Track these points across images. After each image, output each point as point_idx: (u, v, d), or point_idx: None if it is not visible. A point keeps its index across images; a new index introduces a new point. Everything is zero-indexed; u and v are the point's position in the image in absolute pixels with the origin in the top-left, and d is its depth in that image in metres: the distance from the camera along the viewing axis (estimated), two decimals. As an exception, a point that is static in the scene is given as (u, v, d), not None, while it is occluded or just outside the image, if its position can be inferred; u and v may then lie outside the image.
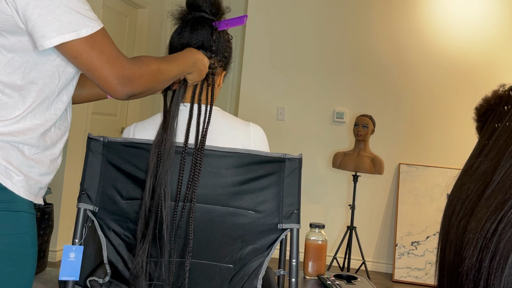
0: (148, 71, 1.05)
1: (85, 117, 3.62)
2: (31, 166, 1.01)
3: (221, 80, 1.39)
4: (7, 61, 0.96)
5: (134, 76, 1.01)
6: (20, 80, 0.98)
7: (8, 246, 0.96)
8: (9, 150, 0.97)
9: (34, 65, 0.99)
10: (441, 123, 3.94)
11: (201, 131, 1.23)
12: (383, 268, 3.97)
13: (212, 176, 1.20)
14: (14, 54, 0.96)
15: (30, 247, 1.02)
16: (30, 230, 1.01)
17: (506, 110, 0.71)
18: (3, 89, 0.97)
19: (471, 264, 0.59)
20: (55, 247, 3.40)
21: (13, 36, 0.95)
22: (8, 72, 0.97)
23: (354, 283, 1.67)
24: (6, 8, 0.91)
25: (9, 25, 0.93)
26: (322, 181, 4.06)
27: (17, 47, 0.96)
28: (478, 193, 0.64)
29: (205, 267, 1.23)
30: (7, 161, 0.96)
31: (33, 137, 1.01)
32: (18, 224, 0.98)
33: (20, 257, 0.99)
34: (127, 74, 0.99)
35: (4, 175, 0.96)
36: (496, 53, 3.86)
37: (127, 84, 1.00)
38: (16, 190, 0.98)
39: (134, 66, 1.01)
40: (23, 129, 0.99)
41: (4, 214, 0.96)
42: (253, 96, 4.16)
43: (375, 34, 4.01)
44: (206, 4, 1.32)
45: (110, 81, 0.97)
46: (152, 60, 1.08)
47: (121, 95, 1.01)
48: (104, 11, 3.81)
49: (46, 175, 1.06)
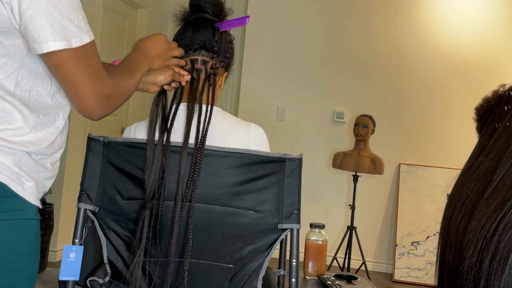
0: (123, 87, 1.01)
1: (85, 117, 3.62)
2: (39, 171, 0.99)
3: (222, 81, 1.39)
4: (0, 65, 0.93)
5: (112, 94, 0.97)
6: (13, 87, 0.94)
7: (19, 256, 0.94)
8: (20, 155, 0.95)
9: (28, 70, 0.95)
10: (441, 123, 3.94)
11: (201, 131, 1.23)
12: (383, 268, 3.97)
13: (212, 176, 1.20)
14: (8, 59, 0.93)
15: (36, 255, 1.00)
16: (36, 238, 1.00)
17: (506, 110, 0.71)
18: (4, 95, 0.93)
19: (471, 264, 0.59)
20: (55, 247, 3.40)
21: (8, 39, 0.91)
22: (1, 77, 0.93)
23: (354, 283, 1.67)
24: (2, 9, 0.88)
25: (4, 27, 0.90)
26: (322, 181, 4.06)
27: (11, 50, 0.93)
28: (478, 193, 0.64)
29: (205, 267, 1.23)
30: (18, 167, 0.94)
31: (44, 147, 0.99)
32: (28, 232, 0.97)
33: (27, 266, 0.97)
34: (106, 93, 0.95)
35: (16, 182, 0.93)
36: (497, 53, 3.86)
37: (105, 104, 0.96)
38: (28, 197, 0.95)
39: (113, 83, 0.97)
40: (35, 140, 0.97)
41: (16, 223, 0.94)
42: (253, 96, 4.16)
43: (376, 34, 4.01)
44: (208, 5, 1.33)
45: (88, 99, 0.93)
46: (122, 74, 1.04)
47: (96, 115, 0.96)
48: (104, 11, 3.81)
49: (50, 178, 1.05)
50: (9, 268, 0.93)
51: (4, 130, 0.93)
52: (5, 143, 0.92)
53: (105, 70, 0.97)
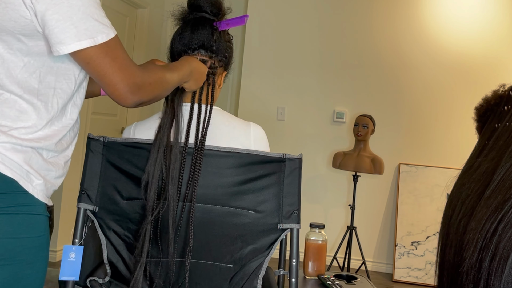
0: (156, 78, 1.07)
1: (85, 117, 3.62)
2: (49, 170, 1.03)
3: (221, 80, 1.39)
4: (23, 65, 0.97)
5: (143, 83, 1.02)
6: (38, 84, 0.99)
7: (27, 249, 0.98)
8: (30, 154, 0.99)
9: (49, 69, 1.00)
10: (441, 123, 3.94)
11: (201, 131, 1.23)
12: (383, 268, 3.97)
13: (212, 176, 1.20)
14: (30, 58, 0.98)
15: (45, 250, 1.03)
16: (45, 233, 1.03)
17: (506, 110, 0.71)
18: (22, 94, 0.98)
19: (471, 264, 0.59)
20: (55, 247, 3.40)
21: (31, 40, 0.96)
22: (24, 76, 0.98)
23: (354, 283, 1.67)
24: (26, 13, 0.92)
25: (28, 30, 0.94)
26: (322, 181, 4.06)
27: (34, 51, 0.97)
28: (478, 193, 0.64)
29: (205, 267, 1.23)
30: (29, 165, 0.98)
31: (52, 143, 1.03)
32: (36, 227, 1.00)
33: (36, 259, 1.00)
34: (137, 81, 1.01)
35: (25, 179, 0.97)
36: (497, 53, 3.86)
37: (136, 92, 1.01)
38: (36, 194, 0.99)
39: (144, 74, 1.03)
40: (44, 136, 1.01)
41: (24, 218, 0.97)
42: (253, 96, 4.16)
43: (376, 34, 4.01)
44: (207, 5, 1.33)
45: (121, 88, 0.99)
46: (157, 68, 1.10)
47: (130, 102, 1.02)
48: (104, 11, 3.81)
49: (60, 177, 1.08)
50: (19, 260, 0.96)
51: (17, 129, 0.97)
52: (18, 141, 0.96)
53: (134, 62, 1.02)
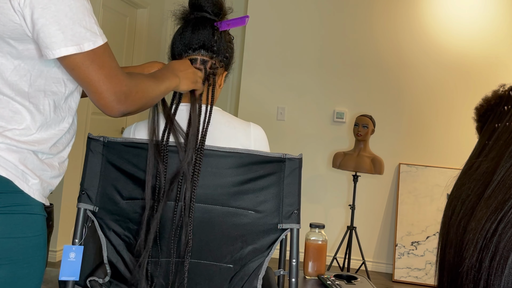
0: (142, 87, 1.05)
1: (85, 117, 3.62)
2: (44, 170, 1.03)
3: (222, 81, 1.39)
4: (14, 67, 0.97)
5: (130, 93, 1.00)
6: (28, 87, 0.99)
7: (24, 249, 0.98)
8: (26, 154, 0.99)
9: (40, 73, 1.00)
10: (441, 123, 3.94)
11: (201, 131, 1.23)
12: (383, 268, 3.97)
13: (212, 176, 1.20)
14: (21, 61, 0.98)
15: (42, 249, 1.03)
16: (43, 233, 1.03)
17: (506, 110, 0.71)
18: (14, 96, 0.98)
19: (471, 264, 0.59)
20: (55, 247, 3.40)
21: (21, 44, 0.96)
22: (15, 79, 0.98)
23: (354, 283, 1.67)
24: (15, 17, 0.92)
25: (17, 33, 0.94)
26: (322, 181, 4.06)
27: (24, 54, 0.97)
28: (478, 193, 0.64)
29: (205, 267, 1.23)
30: (24, 165, 0.98)
31: (47, 147, 1.03)
32: (33, 226, 1.00)
33: (33, 259, 1.00)
34: (124, 90, 0.99)
35: (21, 179, 0.98)
36: (497, 53, 3.86)
37: (123, 101, 0.99)
38: (32, 193, 0.99)
39: (131, 83, 1.01)
40: (39, 140, 1.01)
41: (21, 217, 0.98)
42: (253, 96, 4.16)
43: (376, 34, 4.01)
44: (208, 5, 1.33)
45: (107, 97, 0.97)
46: (144, 78, 1.09)
47: (116, 112, 1.00)
48: (104, 11, 3.81)
49: (57, 177, 1.09)
50: (15, 259, 0.96)
51: (12, 130, 0.97)
52: (12, 142, 0.97)
53: (122, 70, 1.01)
